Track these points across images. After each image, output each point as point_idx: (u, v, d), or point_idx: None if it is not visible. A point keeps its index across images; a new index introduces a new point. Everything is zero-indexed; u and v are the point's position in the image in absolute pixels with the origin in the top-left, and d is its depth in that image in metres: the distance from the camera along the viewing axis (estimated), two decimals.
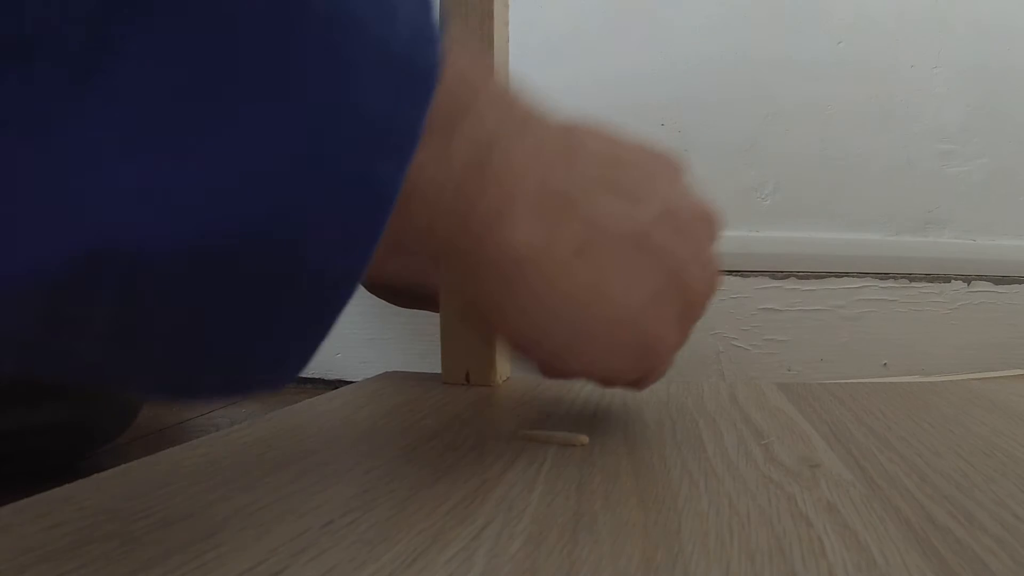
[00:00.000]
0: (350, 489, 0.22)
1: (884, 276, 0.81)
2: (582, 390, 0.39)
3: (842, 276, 0.81)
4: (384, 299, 0.53)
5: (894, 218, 0.83)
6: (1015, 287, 0.81)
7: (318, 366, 0.93)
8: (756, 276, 0.82)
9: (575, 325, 0.24)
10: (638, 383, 0.28)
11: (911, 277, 0.81)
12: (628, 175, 0.25)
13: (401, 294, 0.51)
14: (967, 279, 0.81)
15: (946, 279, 0.81)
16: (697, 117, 0.85)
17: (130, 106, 0.11)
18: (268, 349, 0.14)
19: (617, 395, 0.37)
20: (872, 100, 0.83)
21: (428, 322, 0.48)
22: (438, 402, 0.36)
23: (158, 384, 0.14)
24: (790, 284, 0.82)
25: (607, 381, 0.28)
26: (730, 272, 0.82)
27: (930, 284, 0.81)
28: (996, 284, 0.81)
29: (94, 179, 0.11)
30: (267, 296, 0.13)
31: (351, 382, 0.45)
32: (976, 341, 0.81)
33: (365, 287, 0.52)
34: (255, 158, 0.12)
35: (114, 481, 0.23)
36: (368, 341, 0.75)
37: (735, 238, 0.84)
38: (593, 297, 0.24)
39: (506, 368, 0.42)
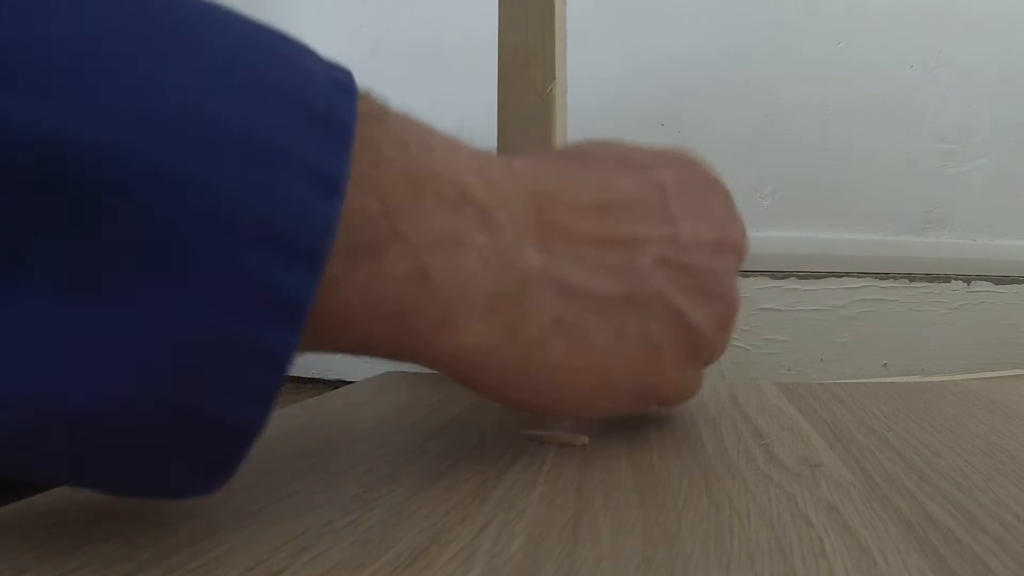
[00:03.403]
0: (350, 489, 0.22)
1: (884, 276, 0.81)
2: None
3: (842, 276, 0.81)
4: None
5: (894, 218, 0.83)
6: (1015, 287, 0.81)
7: (318, 366, 0.93)
8: (756, 276, 0.82)
9: (555, 391, 0.24)
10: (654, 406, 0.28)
11: (911, 277, 0.81)
12: (619, 226, 0.24)
13: None
14: (967, 279, 0.81)
15: (946, 279, 0.81)
16: (697, 117, 0.85)
17: (50, 296, 0.14)
18: (191, 480, 0.17)
19: None
20: (872, 100, 0.83)
21: None
22: (438, 402, 0.36)
23: (109, 492, 0.17)
24: (790, 284, 0.82)
25: (608, 417, 0.27)
26: None
27: (930, 284, 0.81)
28: (996, 284, 0.81)
29: (32, 354, 0.14)
30: (181, 445, 0.16)
31: (351, 382, 0.45)
32: (976, 341, 0.81)
33: None
34: (155, 336, 0.15)
35: None
36: None
37: None
38: (572, 364, 0.23)
39: None
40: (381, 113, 0.19)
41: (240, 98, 0.15)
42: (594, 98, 0.85)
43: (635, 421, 0.31)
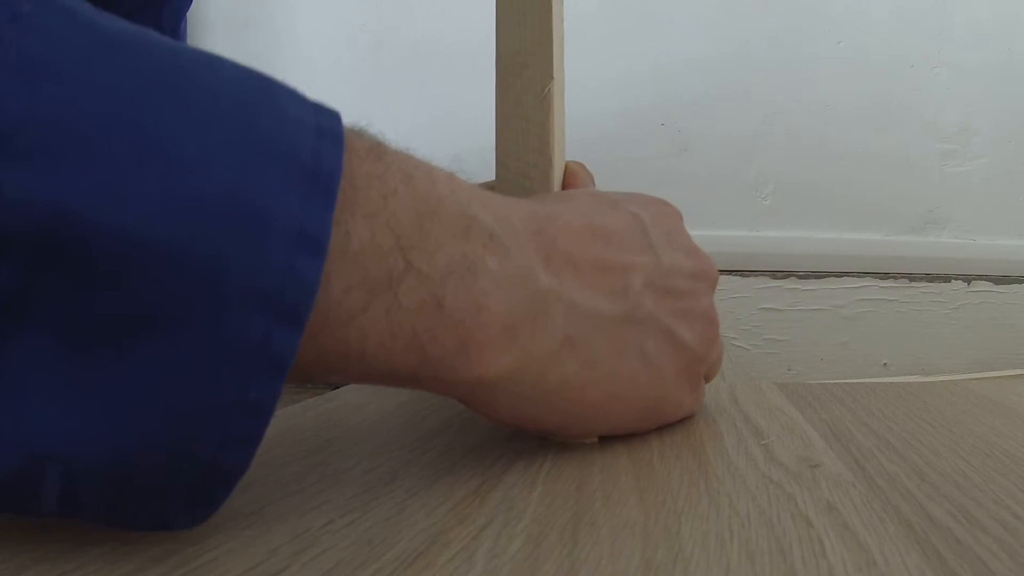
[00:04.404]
0: (350, 489, 0.22)
1: (884, 276, 0.81)
2: None
3: (842, 276, 0.81)
4: None
5: (894, 218, 0.83)
6: (1015, 287, 0.81)
7: None
8: (756, 276, 0.82)
9: (567, 409, 0.25)
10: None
11: (911, 277, 0.81)
12: (609, 252, 0.25)
13: None
14: (967, 279, 0.81)
15: (946, 279, 0.81)
16: (697, 117, 0.85)
17: (47, 353, 0.15)
18: (178, 515, 0.17)
19: None
20: (872, 100, 0.83)
21: None
22: (438, 402, 0.36)
23: (97, 525, 0.17)
24: (790, 284, 0.82)
25: (620, 435, 0.29)
26: (730, 272, 0.82)
27: (930, 284, 0.81)
28: (996, 284, 0.81)
29: (28, 402, 0.15)
30: (170, 486, 0.16)
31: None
32: (976, 341, 0.81)
33: None
34: (149, 389, 0.15)
35: None
36: None
37: (735, 238, 0.84)
38: (582, 381, 0.24)
39: None
40: (381, 150, 0.19)
41: (232, 162, 0.15)
42: (595, 98, 0.85)
43: None
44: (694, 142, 0.85)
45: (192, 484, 0.16)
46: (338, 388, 0.41)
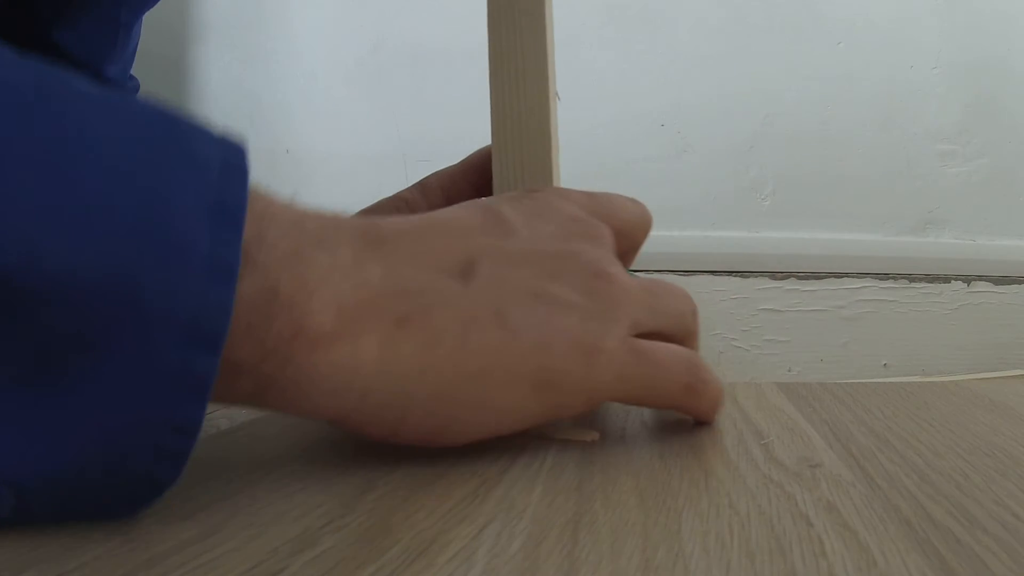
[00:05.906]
0: (350, 489, 0.22)
1: (884, 276, 0.81)
2: None
3: (842, 276, 0.82)
4: None
5: (894, 218, 0.83)
6: (1015, 287, 0.81)
7: None
8: (756, 277, 0.82)
9: (426, 397, 0.24)
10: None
11: (911, 277, 0.81)
12: (447, 240, 0.25)
13: None
14: (967, 279, 0.81)
15: (946, 279, 0.81)
16: (697, 118, 0.85)
17: None
18: (114, 511, 0.19)
19: None
20: (872, 100, 0.83)
21: None
22: None
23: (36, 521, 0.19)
24: (790, 285, 0.82)
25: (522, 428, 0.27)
26: (730, 273, 0.82)
27: (930, 284, 0.81)
28: (996, 284, 0.81)
29: None
30: (106, 496, 0.19)
31: None
32: (976, 341, 0.81)
33: None
34: (84, 415, 0.17)
35: None
36: None
37: (735, 239, 0.84)
38: (426, 361, 0.23)
39: None
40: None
41: (145, 201, 0.17)
42: (595, 99, 0.85)
43: (635, 421, 0.31)
44: (694, 143, 0.85)
45: (128, 493, 0.19)
46: None
